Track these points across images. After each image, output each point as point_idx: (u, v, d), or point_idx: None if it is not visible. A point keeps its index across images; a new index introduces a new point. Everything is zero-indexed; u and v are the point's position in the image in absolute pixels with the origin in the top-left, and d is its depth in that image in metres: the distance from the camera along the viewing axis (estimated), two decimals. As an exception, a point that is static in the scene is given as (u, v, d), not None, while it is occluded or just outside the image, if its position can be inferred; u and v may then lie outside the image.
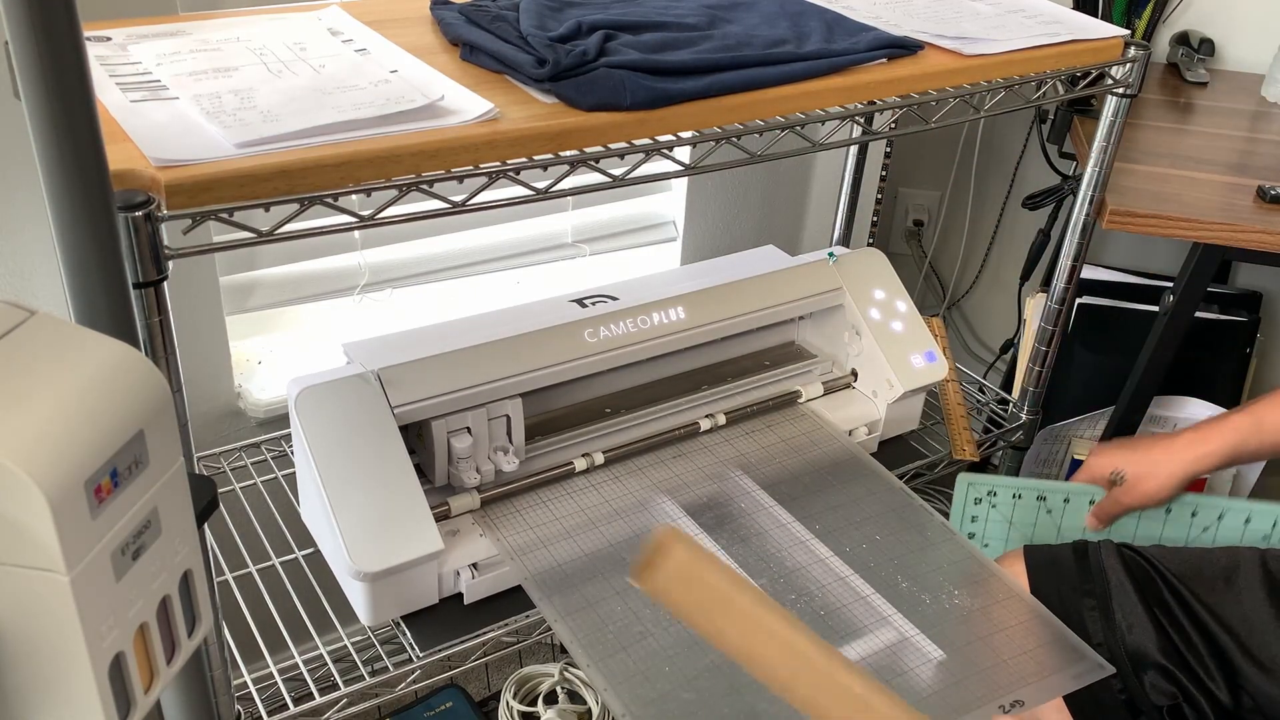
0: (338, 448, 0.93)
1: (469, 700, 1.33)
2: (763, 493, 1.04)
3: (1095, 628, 0.93)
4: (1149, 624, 0.92)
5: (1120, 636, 0.92)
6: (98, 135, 0.55)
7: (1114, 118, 1.14)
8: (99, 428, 0.42)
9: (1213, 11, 1.66)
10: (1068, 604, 0.95)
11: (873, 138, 1.23)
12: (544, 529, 0.99)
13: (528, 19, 0.88)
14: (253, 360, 1.30)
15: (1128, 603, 0.93)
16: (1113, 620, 0.93)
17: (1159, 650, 0.91)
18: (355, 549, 0.89)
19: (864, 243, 1.61)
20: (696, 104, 0.84)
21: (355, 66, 0.84)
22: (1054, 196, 1.59)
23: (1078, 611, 0.94)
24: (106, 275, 0.59)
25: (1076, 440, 1.66)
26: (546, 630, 0.96)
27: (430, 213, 0.78)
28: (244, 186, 0.68)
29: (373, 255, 1.32)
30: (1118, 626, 0.93)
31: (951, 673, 0.87)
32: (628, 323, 1.09)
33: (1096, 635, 0.93)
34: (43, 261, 1.07)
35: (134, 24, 0.90)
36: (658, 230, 1.55)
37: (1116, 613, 0.93)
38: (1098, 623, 0.94)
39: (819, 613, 0.91)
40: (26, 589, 0.40)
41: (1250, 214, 1.23)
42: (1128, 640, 0.92)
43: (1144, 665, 0.91)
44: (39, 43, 0.51)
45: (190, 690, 0.75)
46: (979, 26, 1.07)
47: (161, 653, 0.47)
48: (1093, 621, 0.94)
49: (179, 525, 0.47)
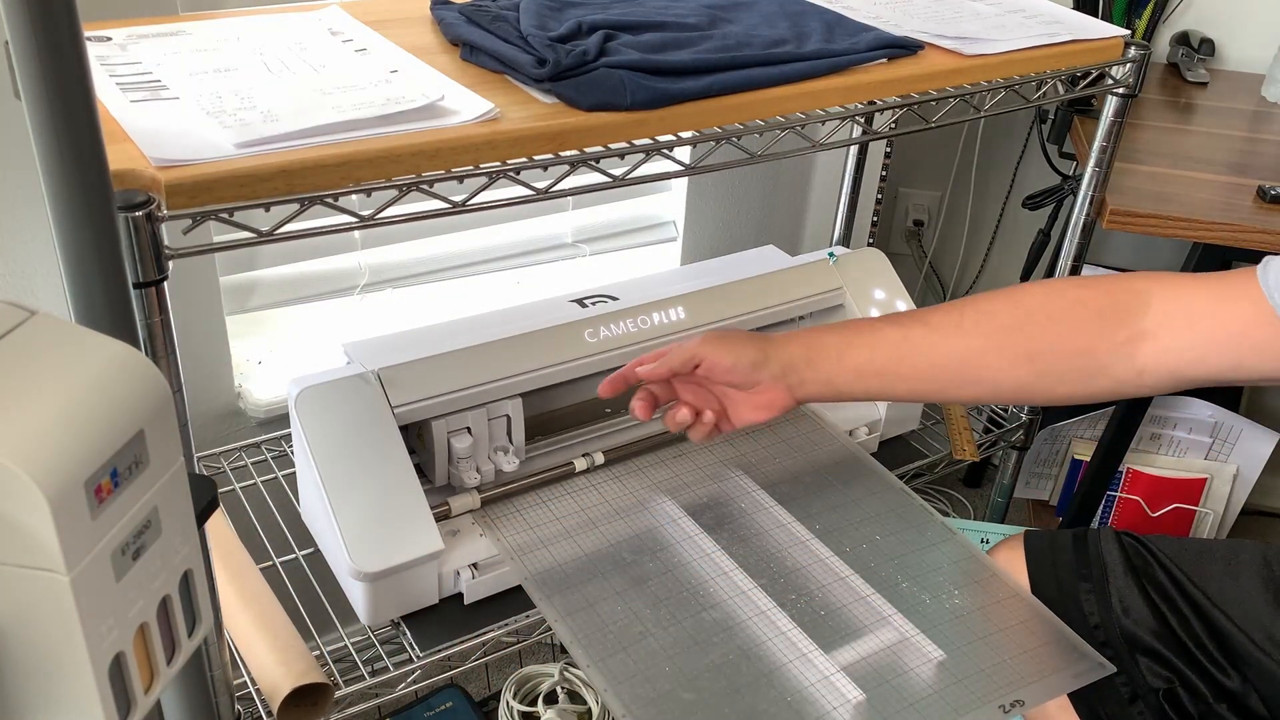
0: (338, 448, 0.93)
1: (469, 700, 1.33)
2: (763, 493, 1.04)
3: (1091, 609, 0.94)
4: (1145, 608, 0.92)
5: (1116, 619, 0.92)
6: (98, 135, 0.55)
7: (1114, 118, 1.14)
8: (99, 428, 0.42)
9: (1213, 11, 1.66)
10: (1065, 589, 0.95)
11: (873, 138, 1.23)
12: (544, 529, 0.99)
13: (528, 19, 0.88)
14: (253, 360, 1.30)
15: (1124, 587, 0.93)
16: (1109, 604, 0.93)
17: (1155, 634, 0.91)
18: (355, 549, 0.89)
19: (864, 243, 1.61)
20: (696, 104, 0.84)
21: (355, 66, 0.84)
22: (1054, 196, 1.59)
23: (1075, 596, 0.94)
24: (106, 275, 0.59)
25: (1076, 440, 1.67)
26: (546, 630, 0.96)
27: (430, 213, 0.78)
28: (244, 186, 0.68)
29: (373, 255, 1.32)
30: (1114, 609, 0.93)
31: (951, 673, 0.87)
32: (628, 323, 1.09)
33: (1094, 617, 0.93)
34: (43, 261, 1.07)
35: (134, 24, 0.90)
36: (658, 230, 1.55)
37: (1113, 596, 0.93)
38: (1094, 605, 0.94)
39: (819, 613, 0.91)
40: (26, 589, 0.40)
41: (1250, 214, 1.23)
42: (1123, 623, 0.92)
43: (1140, 648, 0.91)
44: (39, 43, 0.51)
45: (190, 690, 0.75)
46: (979, 26, 1.07)
47: (161, 653, 0.47)
48: (1089, 604, 0.94)
49: (179, 525, 0.47)
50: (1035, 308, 0.85)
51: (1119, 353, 0.83)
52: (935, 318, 0.88)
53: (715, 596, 0.92)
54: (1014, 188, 1.87)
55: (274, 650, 0.86)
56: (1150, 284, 0.83)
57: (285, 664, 0.84)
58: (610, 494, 1.03)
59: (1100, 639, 0.92)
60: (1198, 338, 0.81)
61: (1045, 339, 0.84)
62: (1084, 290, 0.85)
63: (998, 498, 1.48)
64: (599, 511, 1.01)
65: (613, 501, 1.02)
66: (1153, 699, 0.91)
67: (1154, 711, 0.91)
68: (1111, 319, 0.82)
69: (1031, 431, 1.39)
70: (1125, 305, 0.83)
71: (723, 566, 0.94)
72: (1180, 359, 0.81)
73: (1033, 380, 0.86)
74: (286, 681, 0.83)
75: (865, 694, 0.83)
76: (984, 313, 0.86)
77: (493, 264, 1.42)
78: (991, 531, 1.40)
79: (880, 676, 0.86)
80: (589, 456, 1.05)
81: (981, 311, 0.87)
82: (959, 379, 0.88)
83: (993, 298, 0.88)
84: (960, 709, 0.83)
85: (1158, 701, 0.91)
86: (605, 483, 1.05)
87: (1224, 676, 0.89)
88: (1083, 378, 0.85)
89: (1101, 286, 0.85)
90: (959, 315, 0.87)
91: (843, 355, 0.89)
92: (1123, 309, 0.82)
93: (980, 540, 1.39)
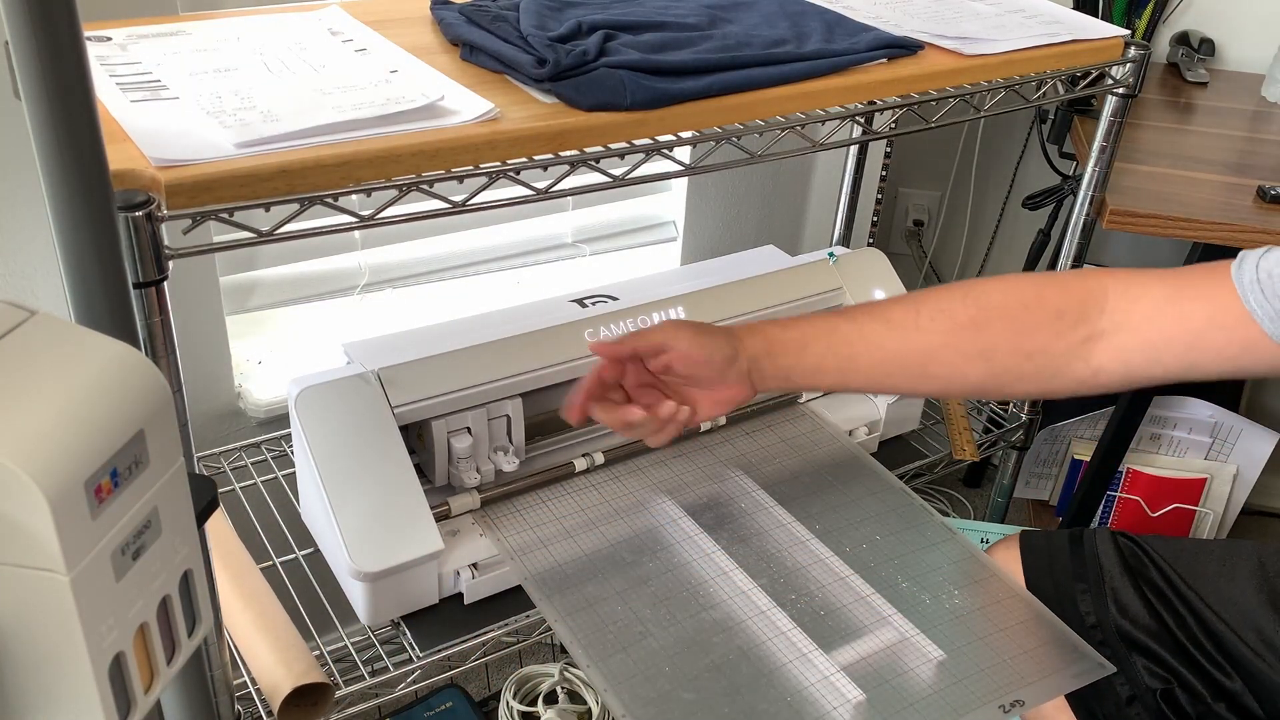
0: (338, 448, 0.93)
1: (469, 700, 1.33)
2: (763, 492, 1.04)
3: (1088, 609, 0.94)
4: (1142, 608, 0.92)
5: (1113, 619, 0.93)
6: (98, 135, 0.55)
7: (1114, 118, 1.14)
8: (99, 428, 0.42)
9: (1213, 11, 1.66)
10: (1061, 589, 0.95)
11: (873, 138, 1.23)
12: (544, 529, 0.99)
13: (528, 19, 0.88)
14: (253, 360, 1.30)
15: (1120, 587, 0.93)
16: (1105, 604, 0.93)
17: (1152, 634, 0.91)
18: (355, 549, 0.89)
19: (864, 243, 1.61)
20: (696, 104, 0.84)
21: (355, 66, 0.84)
22: (1054, 196, 1.59)
23: (1071, 596, 0.95)
24: (106, 275, 0.59)
25: (1076, 440, 1.66)
26: (546, 630, 0.96)
27: (430, 213, 0.78)
28: (244, 186, 0.68)
29: (373, 255, 1.32)
30: (1110, 610, 0.93)
31: (951, 673, 0.87)
32: (628, 323, 1.09)
33: (1090, 617, 0.93)
34: (43, 261, 1.07)
35: (134, 24, 0.90)
36: (658, 230, 1.55)
37: (1109, 597, 0.93)
38: (1090, 605, 0.94)
39: (819, 613, 0.91)
40: (26, 589, 0.40)
41: (1250, 214, 1.23)
42: (1120, 623, 0.92)
43: (1137, 648, 0.91)
44: (39, 43, 0.51)
45: (190, 690, 0.75)
46: (979, 26, 1.07)
47: (161, 653, 0.47)
48: (1085, 605, 0.94)
49: (179, 525, 0.47)
50: (992, 306, 0.84)
51: (1075, 353, 0.82)
52: (895, 313, 0.87)
53: (715, 596, 0.92)
54: (1014, 188, 1.86)
55: (274, 650, 0.86)
56: (1109, 282, 0.82)
57: (285, 664, 0.84)
58: (610, 494, 1.03)
59: (1098, 639, 0.92)
60: (1154, 337, 0.80)
61: (1002, 338, 0.84)
62: (1043, 289, 0.84)
63: (998, 498, 1.48)
64: (599, 511, 1.01)
65: (613, 501, 1.02)
66: (1150, 699, 0.91)
67: (1151, 712, 0.91)
68: (1069, 319, 0.82)
69: (1031, 431, 1.39)
70: (1082, 305, 0.82)
71: (723, 566, 0.94)
72: (1136, 358, 0.81)
73: (988, 378, 0.85)
74: (287, 681, 0.83)
75: (865, 694, 0.83)
76: (941, 310, 0.85)
77: (493, 264, 1.42)
78: (991, 531, 1.40)
79: (880, 676, 0.86)
80: (589, 456, 1.05)
81: (939, 309, 0.86)
82: (914, 375, 0.87)
83: (951, 293, 0.87)
84: (960, 709, 0.83)
85: (1155, 702, 0.91)
86: (605, 483, 1.05)
87: (1223, 676, 0.89)
88: (1040, 377, 0.84)
89: (1060, 284, 0.84)
90: (915, 312, 0.86)
91: (801, 352, 0.88)
92: (1080, 309, 0.82)
93: (980, 540, 1.39)
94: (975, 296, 0.85)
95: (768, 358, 0.88)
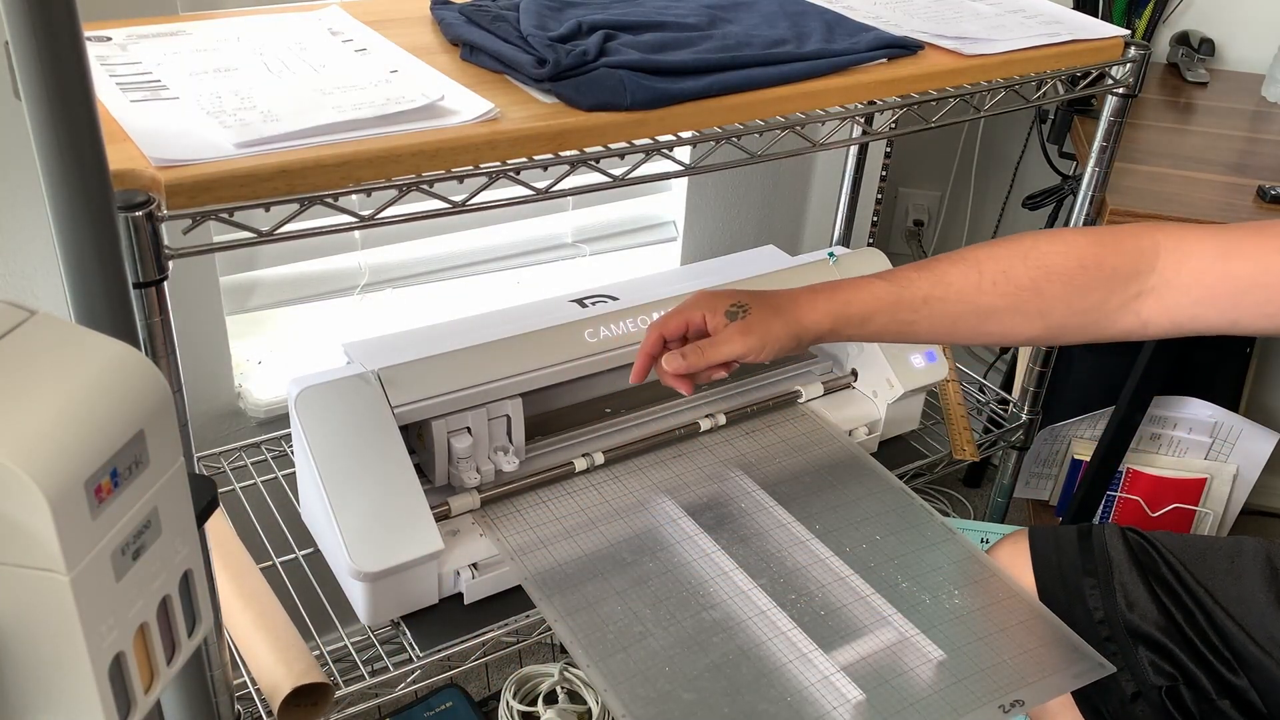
0: (338, 448, 0.93)
1: (469, 700, 1.33)
2: (763, 493, 1.04)
3: (1096, 604, 0.94)
4: (1150, 602, 0.92)
5: (1121, 613, 0.93)
6: (98, 135, 0.55)
7: (1114, 118, 1.14)
8: (99, 428, 0.42)
9: (1213, 11, 1.66)
10: (1070, 584, 0.95)
11: (873, 138, 1.23)
12: (544, 529, 0.99)
13: (528, 19, 0.88)
14: (253, 360, 1.30)
15: (1129, 582, 0.94)
16: (1114, 598, 0.93)
17: (1160, 629, 0.91)
18: (355, 549, 0.89)
19: (864, 243, 1.61)
20: (696, 104, 0.84)
21: (355, 66, 0.84)
22: (1054, 196, 1.59)
23: (1079, 591, 0.95)
24: (106, 275, 0.59)
25: (1076, 440, 1.66)
26: (546, 630, 0.96)
27: (430, 213, 0.78)
28: (244, 186, 0.68)
29: (373, 255, 1.32)
30: (1118, 604, 0.93)
31: (951, 673, 0.87)
32: (628, 323, 1.09)
33: (1098, 612, 0.93)
34: (43, 261, 1.07)
35: (134, 24, 0.90)
36: (658, 230, 1.55)
37: (1117, 590, 0.94)
38: (1098, 599, 0.94)
39: (819, 613, 0.91)
40: (26, 589, 0.40)
41: (1250, 214, 1.23)
42: (1128, 617, 0.92)
43: (1143, 643, 0.92)
44: (39, 43, 0.51)
45: (190, 690, 0.75)
46: (979, 26, 1.07)
47: (161, 653, 0.47)
48: (1094, 599, 0.94)
49: (179, 525, 0.47)
50: (1053, 269, 0.87)
51: (1127, 308, 0.86)
52: (955, 279, 0.90)
53: (715, 596, 0.92)
54: (1014, 188, 1.87)
55: (274, 650, 0.86)
56: (1160, 238, 0.86)
57: (285, 664, 0.84)
58: (610, 494, 1.03)
59: (1105, 634, 0.92)
60: (1201, 295, 0.84)
61: (1059, 299, 0.87)
62: (1100, 249, 0.87)
63: (998, 498, 1.49)
64: (599, 511, 1.01)
65: (613, 501, 1.02)
66: (1155, 696, 0.91)
67: (1156, 709, 0.91)
68: (1122, 276, 0.85)
69: (1031, 431, 1.39)
70: (1135, 263, 0.85)
71: (723, 566, 0.94)
72: (1183, 314, 0.85)
73: (1043, 332, 0.89)
74: (287, 681, 0.83)
75: (865, 694, 0.83)
76: (1003, 273, 0.88)
77: (493, 264, 1.42)
78: (991, 531, 1.40)
79: (880, 676, 0.86)
80: (589, 456, 1.05)
81: (1001, 271, 0.88)
82: (969, 333, 0.91)
83: (1011, 253, 0.89)
84: (960, 709, 0.83)
85: (1160, 699, 0.91)
86: (605, 483, 1.05)
87: (1229, 673, 0.89)
88: (1093, 330, 0.88)
89: (1115, 242, 0.87)
90: (978, 274, 0.89)
91: (863, 325, 0.91)
92: (1133, 266, 0.85)
93: (980, 540, 1.39)
94: (1036, 258, 0.87)
95: (831, 334, 0.91)
